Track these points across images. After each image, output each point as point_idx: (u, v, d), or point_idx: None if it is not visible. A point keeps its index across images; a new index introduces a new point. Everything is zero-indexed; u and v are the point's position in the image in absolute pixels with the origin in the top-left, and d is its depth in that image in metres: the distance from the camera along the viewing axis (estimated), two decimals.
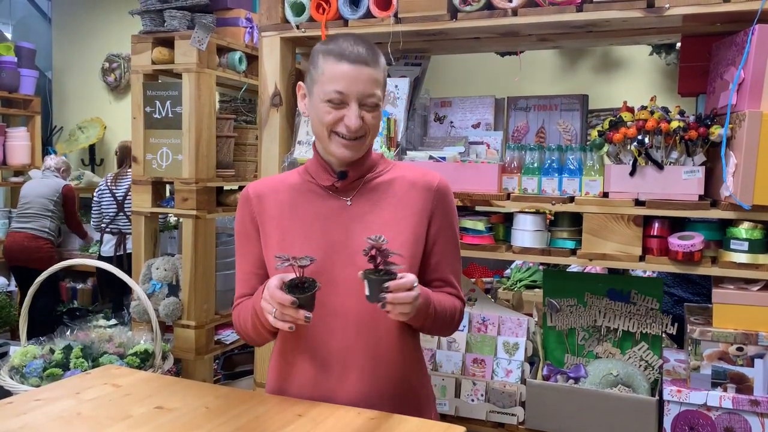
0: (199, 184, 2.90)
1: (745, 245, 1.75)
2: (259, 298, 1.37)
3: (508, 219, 2.09)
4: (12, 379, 2.39)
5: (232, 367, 3.48)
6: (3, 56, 5.59)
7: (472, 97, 2.30)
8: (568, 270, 3.35)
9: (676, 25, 1.93)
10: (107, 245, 4.54)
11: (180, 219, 3.22)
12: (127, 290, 3.19)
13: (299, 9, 2.16)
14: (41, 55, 6.25)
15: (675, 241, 1.80)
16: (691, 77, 2.07)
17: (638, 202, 1.85)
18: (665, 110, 1.87)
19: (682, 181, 1.80)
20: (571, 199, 1.94)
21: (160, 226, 3.28)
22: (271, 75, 2.22)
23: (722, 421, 1.78)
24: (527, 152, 2.03)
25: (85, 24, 6.31)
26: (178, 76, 2.93)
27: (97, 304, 5.23)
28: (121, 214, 4.48)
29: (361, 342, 1.42)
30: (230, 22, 3.10)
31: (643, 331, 2.04)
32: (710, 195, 1.84)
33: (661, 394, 1.88)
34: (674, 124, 1.80)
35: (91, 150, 6.20)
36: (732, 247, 1.77)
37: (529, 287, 4.02)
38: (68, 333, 2.67)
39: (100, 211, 4.58)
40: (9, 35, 6.64)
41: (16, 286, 5.23)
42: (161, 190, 3.10)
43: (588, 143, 2.01)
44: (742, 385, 1.77)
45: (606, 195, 1.90)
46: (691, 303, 2.21)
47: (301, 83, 1.48)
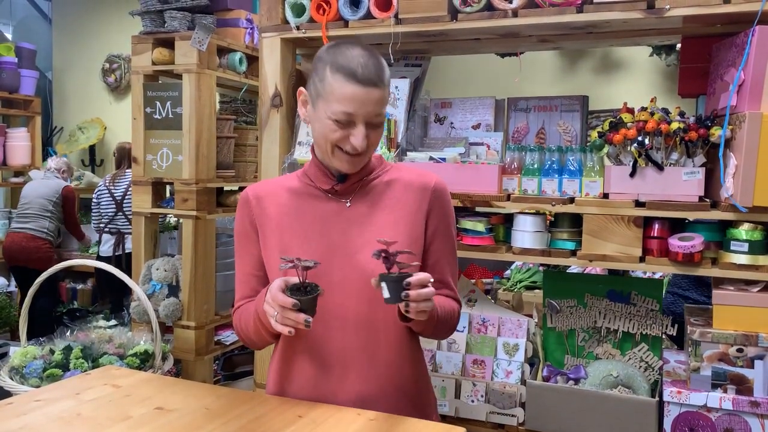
0: (199, 184, 2.90)
1: (745, 246, 1.75)
2: (261, 301, 1.37)
3: (508, 220, 2.09)
4: (12, 379, 2.39)
5: (232, 367, 3.48)
6: (3, 57, 5.60)
7: (472, 98, 2.30)
8: (568, 271, 3.35)
9: (677, 27, 1.93)
10: (106, 245, 4.54)
11: (180, 220, 3.21)
12: (127, 290, 3.19)
13: (299, 10, 2.16)
14: (41, 56, 6.26)
15: (675, 243, 1.80)
16: (691, 78, 2.07)
17: (638, 203, 1.85)
18: (665, 111, 1.88)
19: (682, 182, 1.80)
20: (571, 200, 1.94)
21: (159, 226, 3.27)
22: (272, 76, 2.22)
23: (722, 422, 1.78)
24: (527, 153, 2.03)
25: (85, 24, 6.31)
26: (179, 76, 2.93)
27: (97, 304, 5.23)
28: (119, 214, 4.49)
29: (360, 343, 1.42)
30: (230, 23, 3.10)
31: (643, 332, 2.04)
32: (710, 196, 1.84)
33: (661, 396, 1.88)
34: (674, 126, 1.80)
35: (92, 150, 6.20)
36: (732, 248, 1.77)
37: (529, 288, 4.03)
38: (68, 334, 2.67)
39: (99, 212, 4.59)
40: (9, 36, 6.65)
41: (17, 287, 5.23)
42: (161, 191, 3.10)
43: (588, 144, 2.01)
44: (742, 386, 1.77)
45: (606, 196, 1.90)
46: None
47: (302, 89, 1.45)
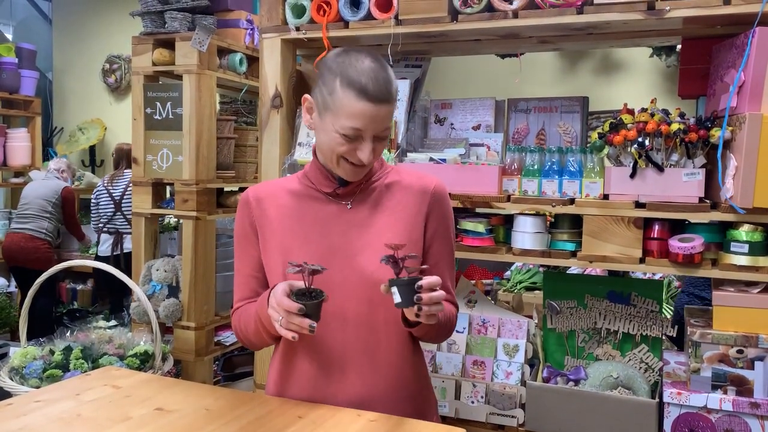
0: (200, 185, 2.90)
1: (746, 248, 1.74)
2: (262, 303, 1.37)
3: (509, 221, 2.09)
4: (12, 380, 2.39)
5: (232, 368, 3.48)
6: (3, 57, 5.60)
7: (472, 98, 2.30)
8: (568, 272, 3.35)
9: (677, 28, 1.93)
10: (104, 245, 4.54)
11: (180, 220, 3.21)
12: (127, 291, 3.19)
13: (300, 11, 2.16)
14: (42, 56, 6.26)
15: (675, 244, 1.80)
16: (691, 79, 2.07)
17: (638, 204, 1.85)
18: (665, 112, 1.88)
19: (682, 183, 1.80)
20: (572, 201, 1.94)
21: (159, 227, 3.27)
22: (272, 77, 2.22)
23: (722, 423, 1.78)
24: (527, 154, 2.03)
25: (85, 25, 6.32)
26: (179, 77, 2.93)
27: (97, 305, 5.24)
28: (118, 214, 4.48)
29: (361, 344, 1.42)
30: (231, 24, 3.11)
31: (644, 334, 2.04)
32: (710, 197, 1.84)
33: (661, 397, 1.88)
34: (674, 127, 1.80)
35: (92, 151, 6.20)
36: (732, 249, 1.77)
37: (529, 289, 4.03)
38: (68, 334, 2.67)
39: (98, 212, 4.59)
40: (10, 36, 6.65)
41: (16, 287, 5.23)
42: (161, 192, 3.10)
43: (588, 145, 2.01)
44: (742, 387, 1.77)
45: (606, 197, 1.90)
46: None
47: (307, 96, 1.43)
